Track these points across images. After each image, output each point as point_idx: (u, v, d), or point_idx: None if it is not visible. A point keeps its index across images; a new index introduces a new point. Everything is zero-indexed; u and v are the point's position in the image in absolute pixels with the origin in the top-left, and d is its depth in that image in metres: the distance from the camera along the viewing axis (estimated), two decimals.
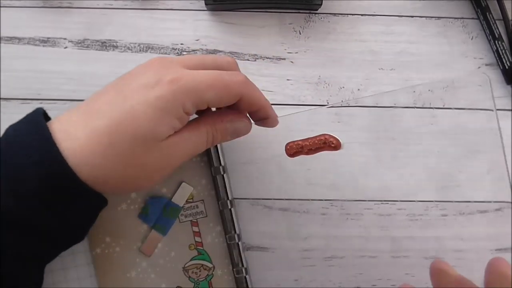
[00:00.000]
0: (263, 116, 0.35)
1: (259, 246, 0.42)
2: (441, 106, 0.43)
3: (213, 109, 0.36)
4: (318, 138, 0.35)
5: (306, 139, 0.35)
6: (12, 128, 0.32)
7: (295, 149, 0.35)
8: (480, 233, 0.43)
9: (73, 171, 0.29)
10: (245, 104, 0.33)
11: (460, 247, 0.42)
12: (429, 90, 0.44)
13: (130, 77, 0.32)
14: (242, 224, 0.42)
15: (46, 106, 0.43)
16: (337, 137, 0.34)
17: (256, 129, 0.37)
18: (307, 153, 0.35)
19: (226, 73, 0.32)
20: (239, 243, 0.41)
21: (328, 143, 0.34)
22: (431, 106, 0.43)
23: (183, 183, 0.41)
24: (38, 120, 0.31)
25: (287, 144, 0.37)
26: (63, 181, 0.30)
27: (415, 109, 0.43)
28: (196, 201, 0.41)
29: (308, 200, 0.42)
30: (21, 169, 0.29)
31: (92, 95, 0.33)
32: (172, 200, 0.41)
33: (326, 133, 0.34)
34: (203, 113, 0.35)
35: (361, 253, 0.42)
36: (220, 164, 0.41)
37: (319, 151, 0.35)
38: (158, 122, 0.30)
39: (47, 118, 0.35)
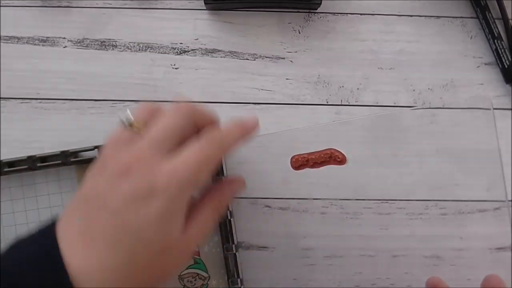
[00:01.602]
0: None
1: (259, 245, 0.42)
2: (441, 106, 0.43)
3: None
4: (324, 152, 0.35)
5: (312, 152, 0.35)
6: (26, 257, 0.29)
7: (300, 162, 0.35)
8: (479, 232, 0.43)
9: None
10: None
11: (459, 246, 0.43)
12: (428, 89, 0.44)
13: (109, 185, 0.28)
14: (242, 223, 0.42)
15: (45, 105, 0.43)
16: (342, 152, 0.34)
17: (261, 143, 0.37)
18: (312, 167, 0.35)
19: (202, 143, 0.29)
20: (236, 254, 0.40)
21: (334, 157, 0.34)
22: (431, 106, 0.44)
23: None
24: (56, 261, 0.28)
25: (293, 157, 0.37)
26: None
27: (417, 109, 0.44)
28: None
29: (308, 199, 0.42)
30: None
31: (78, 203, 0.29)
32: None
33: (332, 147, 0.34)
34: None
35: (360, 252, 0.42)
36: (222, 175, 0.41)
37: (325, 165, 0.35)
38: (168, 230, 0.28)
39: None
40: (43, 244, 0.28)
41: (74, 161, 0.40)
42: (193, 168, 0.28)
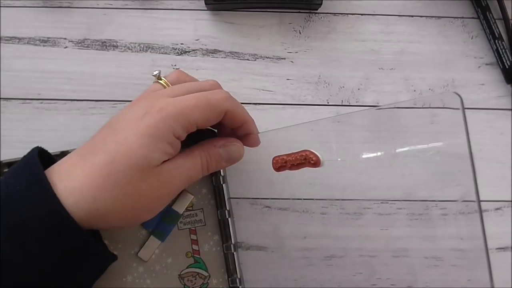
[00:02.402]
0: (246, 131, 0.36)
1: (259, 246, 0.42)
2: (441, 106, 0.43)
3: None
4: (299, 154, 0.34)
5: (290, 154, 0.34)
6: (12, 180, 0.32)
7: (280, 164, 0.35)
8: (480, 232, 0.43)
9: (82, 229, 0.30)
10: (229, 120, 0.34)
11: (460, 246, 0.42)
12: (429, 89, 0.44)
13: (121, 114, 0.33)
14: (242, 224, 0.42)
15: (46, 106, 0.43)
16: (317, 154, 0.33)
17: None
18: (290, 168, 0.34)
19: (208, 92, 0.34)
20: (234, 253, 0.40)
21: (308, 159, 0.34)
22: (431, 106, 0.43)
23: (184, 191, 0.41)
24: (37, 171, 0.31)
25: (274, 158, 0.37)
26: (70, 238, 0.30)
27: (415, 108, 0.43)
28: (195, 210, 0.41)
29: (308, 199, 0.42)
30: (27, 226, 0.29)
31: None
32: (172, 207, 0.41)
33: (307, 149, 0.34)
34: (197, 142, 0.36)
35: (360, 252, 0.42)
36: (221, 175, 0.41)
37: (301, 167, 0.34)
38: (151, 148, 0.31)
39: (45, 153, 0.36)
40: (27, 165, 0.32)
41: None
42: (189, 104, 0.32)
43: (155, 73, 0.36)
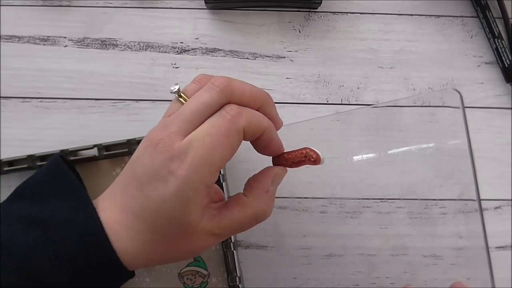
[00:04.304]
0: (267, 140, 0.32)
1: (258, 244, 0.42)
2: (440, 105, 0.43)
3: None
4: (299, 152, 0.33)
5: (290, 151, 0.34)
6: (57, 205, 0.31)
7: (280, 161, 0.35)
8: (480, 231, 0.43)
9: (122, 262, 0.30)
10: (248, 135, 0.30)
11: (459, 245, 0.42)
12: (429, 88, 0.44)
13: (142, 164, 0.30)
14: None
15: (45, 104, 0.43)
16: (317, 151, 0.33)
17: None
18: (290, 166, 0.33)
19: (219, 115, 0.29)
20: (234, 251, 0.40)
21: (308, 157, 0.33)
22: (431, 104, 0.43)
23: None
24: (87, 203, 0.31)
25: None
26: (109, 265, 0.30)
27: (414, 107, 0.43)
28: None
29: (307, 198, 0.42)
30: (67, 247, 0.29)
31: (118, 181, 0.32)
32: None
33: (308, 146, 0.33)
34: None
35: (360, 251, 0.42)
36: (220, 173, 0.41)
37: (301, 165, 0.33)
38: (186, 213, 0.29)
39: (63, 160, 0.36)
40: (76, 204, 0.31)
41: (73, 160, 0.40)
42: (206, 147, 0.28)
43: (174, 89, 0.31)
